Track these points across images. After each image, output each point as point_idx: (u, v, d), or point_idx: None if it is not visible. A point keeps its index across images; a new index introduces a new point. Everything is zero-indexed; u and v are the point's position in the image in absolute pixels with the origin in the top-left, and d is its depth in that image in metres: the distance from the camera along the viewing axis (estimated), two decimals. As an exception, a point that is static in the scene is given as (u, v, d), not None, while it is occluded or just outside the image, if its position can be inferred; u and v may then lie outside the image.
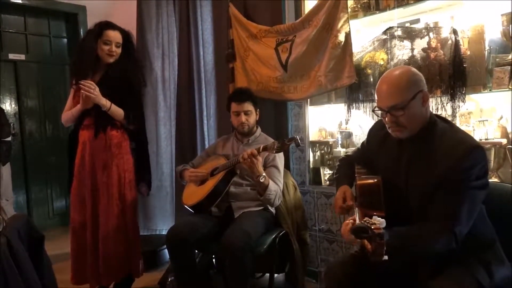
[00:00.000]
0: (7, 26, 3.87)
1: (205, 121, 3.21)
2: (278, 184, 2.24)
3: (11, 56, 3.87)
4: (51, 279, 2.06)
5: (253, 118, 2.38)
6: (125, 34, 2.40)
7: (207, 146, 3.11)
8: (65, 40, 4.20)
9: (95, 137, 2.30)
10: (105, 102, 2.26)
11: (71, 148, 2.43)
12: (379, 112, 1.42)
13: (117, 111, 2.31)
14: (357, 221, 1.19)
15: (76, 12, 3.95)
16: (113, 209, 2.30)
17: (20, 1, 3.73)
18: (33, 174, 4.05)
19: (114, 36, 2.32)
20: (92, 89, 2.20)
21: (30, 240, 1.95)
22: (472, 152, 1.28)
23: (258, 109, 2.41)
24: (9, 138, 3.26)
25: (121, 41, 2.34)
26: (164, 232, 3.35)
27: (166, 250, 2.98)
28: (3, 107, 3.76)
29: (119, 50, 2.33)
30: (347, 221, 1.23)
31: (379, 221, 1.05)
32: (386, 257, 1.03)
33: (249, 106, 2.34)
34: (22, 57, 3.95)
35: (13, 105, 3.93)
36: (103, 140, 2.31)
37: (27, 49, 3.99)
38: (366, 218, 1.08)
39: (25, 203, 4.01)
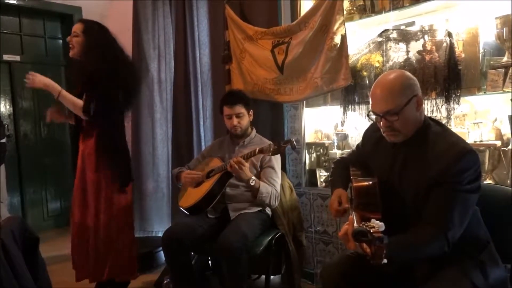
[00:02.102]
0: (2, 27, 3.84)
1: (201, 123, 3.21)
2: (274, 184, 2.24)
3: (6, 57, 3.85)
4: (46, 281, 2.05)
5: (245, 120, 2.38)
6: (86, 22, 2.31)
7: (203, 147, 3.11)
8: (60, 41, 4.18)
9: (85, 138, 2.30)
10: (54, 87, 2.15)
11: (75, 147, 2.40)
12: (374, 116, 1.43)
13: (68, 99, 2.17)
14: (355, 225, 1.19)
15: (71, 13, 3.94)
16: (103, 210, 2.29)
17: (15, 2, 3.71)
18: (28, 175, 4.03)
19: (73, 28, 2.26)
20: (30, 78, 2.13)
21: (25, 242, 1.94)
22: (464, 156, 1.28)
23: (251, 110, 2.41)
24: (4, 140, 3.24)
25: (79, 30, 2.24)
26: (160, 234, 3.33)
27: (162, 252, 2.97)
28: (-2, 108, 3.75)
29: (76, 40, 2.23)
30: (345, 226, 1.23)
31: (378, 225, 1.05)
32: (385, 260, 1.03)
33: (240, 109, 2.34)
34: (17, 58, 3.92)
35: (7, 106, 3.91)
36: (94, 143, 2.29)
37: (22, 50, 3.97)
38: (364, 222, 1.09)
39: (19, 205, 3.98)
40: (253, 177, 2.15)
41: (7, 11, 3.83)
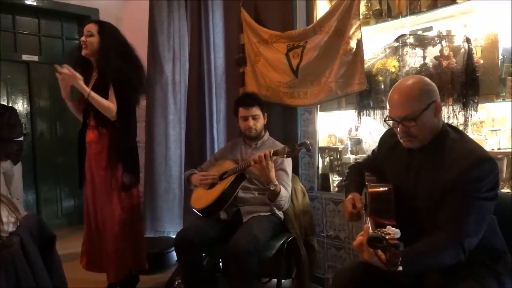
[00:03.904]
0: (21, 27, 3.93)
1: (214, 125, 3.22)
2: (286, 188, 2.24)
3: (24, 57, 3.93)
4: (61, 278, 2.09)
5: (260, 122, 2.38)
6: (100, 23, 2.34)
7: (216, 149, 3.12)
8: (77, 42, 4.25)
9: (98, 137, 2.35)
10: (84, 88, 2.21)
11: (81, 146, 2.47)
12: (391, 121, 1.42)
13: (97, 100, 2.24)
14: (370, 231, 1.18)
15: (88, 14, 4.00)
16: (114, 205, 2.34)
17: (34, 3, 3.79)
18: (43, 174, 4.09)
19: (86, 27, 2.29)
20: (66, 73, 2.17)
21: (41, 240, 1.97)
22: (481, 163, 1.27)
23: (265, 113, 2.42)
24: (21, 138, 3.30)
25: (94, 30, 2.27)
26: (172, 235, 3.37)
27: (173, 253, 2.99)
28: (16, 107, 3.81)
29: (91, 40, 2.27)
30: (360, 237, 1.21)
31: (393, 231, 1.04)
32: (401, 268, 1.02)
33: (256, 111, 2.35)
34: (35, 58, 4.00)
35: (25, 105, 3.99)
36: (105, 140, 2.34)
37: (40, 51, 4.05)
38: (380, 228, 1.08)
39: (34, 203, 4.04)
40: (276, 182, 2.13)
41: (25, 12, 3.92)
